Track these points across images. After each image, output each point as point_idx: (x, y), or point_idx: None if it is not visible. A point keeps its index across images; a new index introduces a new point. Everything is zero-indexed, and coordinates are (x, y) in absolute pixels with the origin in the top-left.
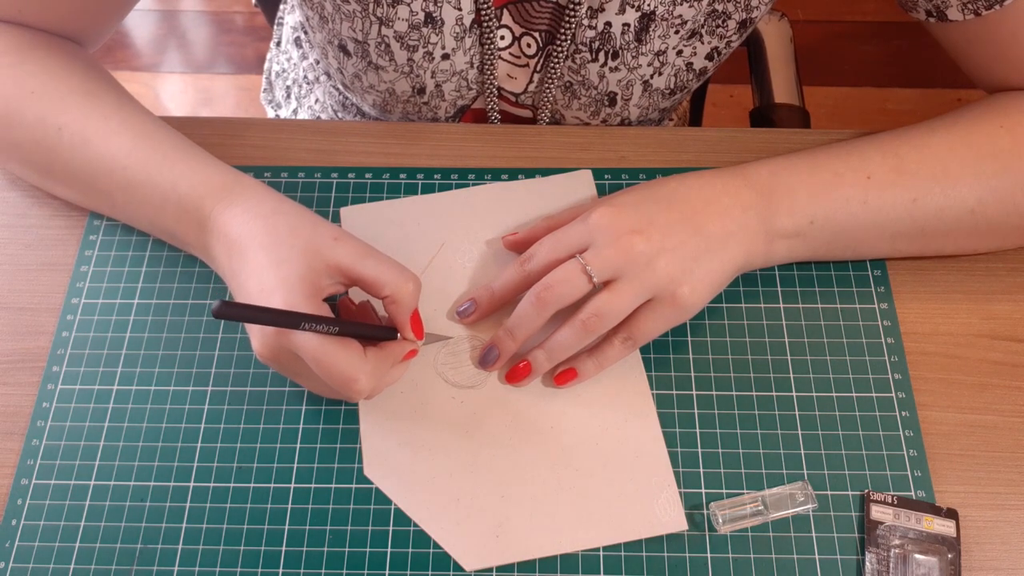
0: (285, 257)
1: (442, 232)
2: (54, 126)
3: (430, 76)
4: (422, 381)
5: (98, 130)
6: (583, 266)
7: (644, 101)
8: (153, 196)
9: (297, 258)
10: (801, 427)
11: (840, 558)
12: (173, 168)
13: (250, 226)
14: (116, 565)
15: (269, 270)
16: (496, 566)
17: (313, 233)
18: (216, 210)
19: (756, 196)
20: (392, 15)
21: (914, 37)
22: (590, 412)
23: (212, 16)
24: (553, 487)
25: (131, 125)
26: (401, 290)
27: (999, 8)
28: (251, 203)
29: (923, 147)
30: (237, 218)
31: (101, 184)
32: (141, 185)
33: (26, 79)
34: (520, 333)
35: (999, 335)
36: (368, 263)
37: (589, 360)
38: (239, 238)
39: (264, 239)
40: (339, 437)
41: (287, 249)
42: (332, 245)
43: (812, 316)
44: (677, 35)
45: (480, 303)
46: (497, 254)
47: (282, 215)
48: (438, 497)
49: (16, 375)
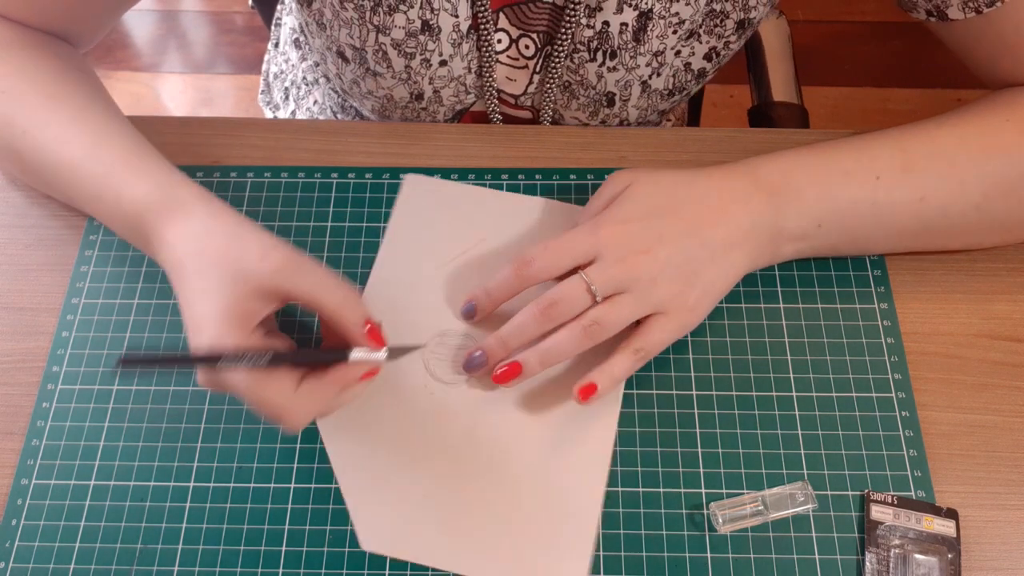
0: (212, 286)
1: (487, 229)
2: (19, 128)
3: (428, 82)
4: (405, 360)
5: (56, 137)
6: (588, 284)
7: (642, 102)
8: (103, 210)
9: (223, 287)
10: (801, 427)
11: (840, 558)
12: (121, 182)
13: (184, 248)
14: (116, 565)
15: (199, 301)
16: (390, 557)
17: (240, 255)
18: (156, 227)
19: (765, 200)
20: (389, 23)
21: (914, 37)
22: (546, 452)
23: (212, 16)
24: (477, 506)
25: (88, 134)
26: (340, 305)
27: (1000, 5)
28: (184, 223)
29: (930, 143)
30: (173, 238)
31: (64, 190)
32: (92, 199)
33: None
34: (514, 343)
35: (999, 335)
36: (299, 279)
37: (603, 375)
38: (175, 261)
39: (197, 264)
40: None
41: (214, 277)
42: (259, 266)
43: (812, 316)
44: (675, 35)
45: (479, 305)
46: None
47: (210, 237)
48: (370, 472)
49: (16, 375)
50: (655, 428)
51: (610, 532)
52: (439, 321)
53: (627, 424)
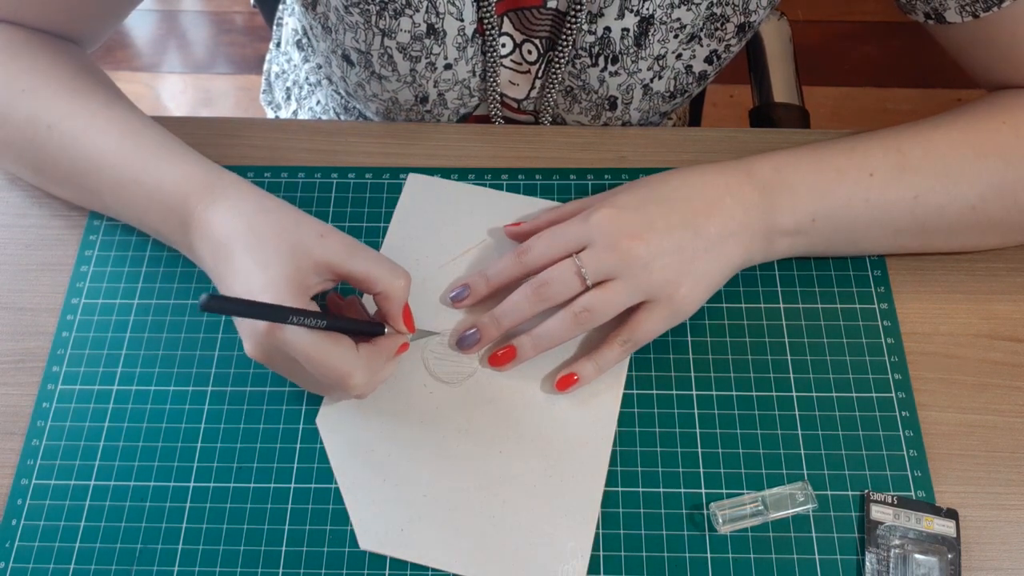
0: (270, 259)
1: (488, 229)
2: (44, 124)
3: (432, 85)
4: (404, 359)
5: (86, 128)
6: (578, 268)
7: (644, 104)
8: (139, 195)
9: (282, 259)
10: (801, 427)
11: (840, 558)
12: (159, 166)
13: (233, 226)
14: (116, 565)
15: (255, 272)
16: (390, 556)
17: (297, 231)
18: (199, 209)
19: (759, 194)
20: (395, 27)
21: (914, 37)
22: (544, 453)
23: (212, 16)
24: (475, 507)
25: (119, 123)
26: (392, 286)
27: (997, 10)
28: (233, 201)
29: (926, 143)
30: (220, 217)
31: (90, 182)
32: (128, 184)
33: (17, 77)
34: (507, 322)
35: (999, 335)
36: (357, 259)
37: (589, 363)
38: (223, 239)
39: (248, 240)
40: None
41: (272, 250)
42: (319, 242)
43: (812, 316)
44: (676, 39)
45: (475, 289)
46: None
47: (265, 214)
48: (369, 470)
49: (16, 375)
50: (655, 428)
51: (610, 532)
52: (438, 320)
53: (627, 424)
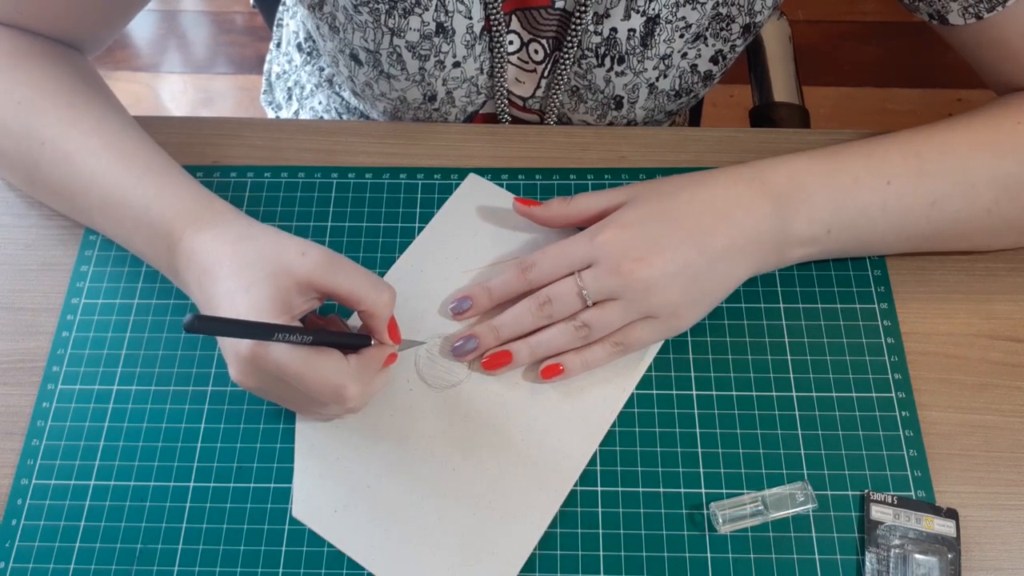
0: (253, 281)
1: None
2: (37, 139)
3: (441, 84)
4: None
5: (78, 147)
6: (580, 288)
7: (650, 103)
8: (127, 217)
9: (265, 280)
10: (801, 427)
11: (840, 558)
12: (147, 190)
13: (218, 253)
14: (116, 565)
15: (239, 295)
16: (317, 533)
17: (279, 252)
18: (186, 235)
19: (772, 206)
20: (404, 25)
21: (914, 37)
22: (494, 483)
23: (212, 16)
24: (411, 513)
25: (111, 142)
26: (377, 302)
27: (1001, 10)
28: (219, 229)
29: (943, 144)
30: (206, 244)
31: (80, 201)
32: (116, 205)
33: (14, 88)
34: (506, 334)
35: (999, 335)
36: (340, 275)
37: (576, 358)
38: (208, 265)
39: (232, 265)
40: None
41: (255, 273)
42: (300, 260)
43: (812, 316)
44: (682, 39)
45: (477, 302)
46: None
47: (249, 240)
48: (327, 443)
49: (16, 375)
50: (655, 428)
51: (610, 532)
52: (443, 321)
53: (627, 424)
